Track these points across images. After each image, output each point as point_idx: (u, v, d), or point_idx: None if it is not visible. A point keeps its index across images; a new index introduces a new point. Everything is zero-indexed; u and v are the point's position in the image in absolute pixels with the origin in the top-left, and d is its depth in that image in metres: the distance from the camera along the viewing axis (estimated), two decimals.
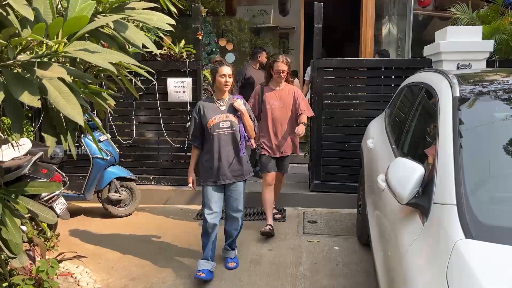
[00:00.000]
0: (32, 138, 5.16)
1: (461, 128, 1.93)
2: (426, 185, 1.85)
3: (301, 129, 4.08)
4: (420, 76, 3.13)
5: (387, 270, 2.06)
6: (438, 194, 1.73)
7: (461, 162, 1.76)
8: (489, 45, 4.50)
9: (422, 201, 1.81)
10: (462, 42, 4.49)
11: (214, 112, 3.35)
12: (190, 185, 3.48)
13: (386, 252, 2.19)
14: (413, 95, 3.17)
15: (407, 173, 1.84)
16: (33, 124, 5.38)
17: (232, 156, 3.39)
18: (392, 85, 4.96)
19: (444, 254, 1.47)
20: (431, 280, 1.46)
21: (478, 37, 4.55)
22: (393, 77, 5.09)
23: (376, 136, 3.70)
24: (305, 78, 7.26)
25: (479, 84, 2.50)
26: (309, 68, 6.34)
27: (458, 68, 4.47)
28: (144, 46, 1.82)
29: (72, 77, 1.71)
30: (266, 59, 6.30)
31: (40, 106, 1.48)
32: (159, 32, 5.15)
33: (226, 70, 3.32)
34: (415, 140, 2.60)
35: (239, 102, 3.41)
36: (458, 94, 2.12)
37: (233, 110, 3.41)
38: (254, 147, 3.82)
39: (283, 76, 4.19)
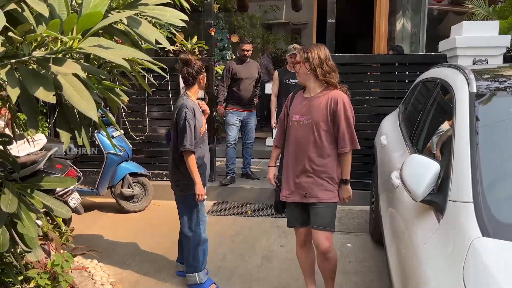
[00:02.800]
0: (47, 134, 5.23)
1: (477, 124, 1.90)
2: (442, 182, 1.82)
3: (345, 193, 2.75)
4: (435, 72, 3.09)
5: (400, 268, 2.03)
6: (454, 191, 1.70)
7: (477, 159, 1.73)
8: (506, 40, 4.41)
9: (437, 198, 1.78)
10: (478, 37, 4.42)
11: (201, 115, 3.16)
12: (205, 196, 3.12)
13: (400, 249, 2.16)
14: (428, 91, 3.12)
15: (422, 170, 1.81)
16: (48, 120, 5.45)
17: (209, 159, 3.31)
18: (406, 81, 4.91)
19: (461, 252, 1.45)
20: (447, 279, 1.44)
21: (495, 32, 4.46)
22: (407, 73, 5.03)
23: (389, 132, 3.66)
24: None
25: (496, 80, 2.45)
26: (277, 71, 5.39)
27: (474, 63, 4.38)
28: (157, 42, 1.82)
29: (86, 73, 1.72)
30: (244, 52, 5.32)
31: (55, 102, 1.49)
32: (171, 28, 5.16)
33: None
34: (430, 137, 2.56)
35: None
36: (475, 90, 2.08)
37: None
38: None
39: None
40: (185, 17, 1.85)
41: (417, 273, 1.66)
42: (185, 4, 2.32)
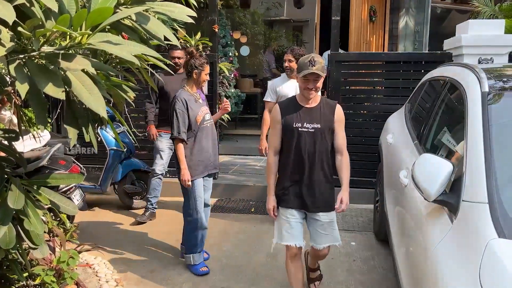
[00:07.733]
0: (49, 130, 5.21)
1: (490, 123, 1.87)
2: (454, 182, 1.80)
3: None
4: (444, 70, 3.06)
5: (410, 268, 2.02)
6: (468, 191, 1.68)
7: (491, 159, 1.71)
8: None
9: (450, 198, 1.76)
10: (484, 36, 4.39)
11: (197, 105, 3.35)
12: (190, 182, 3.25)
13: (409, 249, 2.15)
14: (436, 90, 3.10)
15: (435, 169, 1.79)
16: (50, 116, 5.42)
17: (214, 147, 3.49)
18: (411, 79, 4.88)
19: (476, 254, 1.43)
20: (463, 280, 1.42)
21: (501, 31, 4.44)
22: (412, 71, 5.00)
23: (396, 131, 3.63)
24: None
25: (507, 79, 2.42)
26: (273, 82, 4.17)
27: (479, 62, 4.36)
28: (165, 39, 1.80)
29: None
30: (174, 59, 4.42)
31: (64, 98, 1.47)
32: (174, 24, 5.12)
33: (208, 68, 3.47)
34: (439, 136, 2.54)
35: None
36: (487, 89, 2.06)
37: (205, 102, 3.54)
38: None
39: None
40: (194, 13, 1.83)
41: (430, 274, 1.64)
42: (192, 1, 2.29)
